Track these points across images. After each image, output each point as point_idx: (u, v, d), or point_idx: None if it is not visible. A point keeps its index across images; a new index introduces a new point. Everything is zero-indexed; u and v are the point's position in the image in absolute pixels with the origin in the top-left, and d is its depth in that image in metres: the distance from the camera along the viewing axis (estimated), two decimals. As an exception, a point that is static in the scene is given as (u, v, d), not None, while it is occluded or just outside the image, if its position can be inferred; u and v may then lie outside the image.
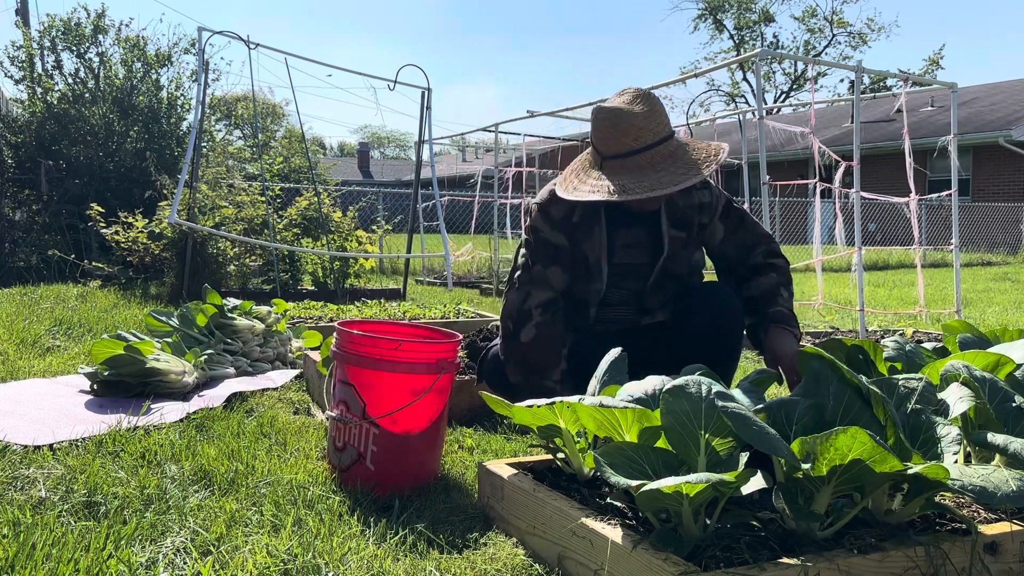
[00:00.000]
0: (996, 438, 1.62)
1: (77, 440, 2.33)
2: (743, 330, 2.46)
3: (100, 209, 7.36)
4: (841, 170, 5.11)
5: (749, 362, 4.22)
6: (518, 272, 2.51)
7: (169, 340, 3.33)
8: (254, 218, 6.97)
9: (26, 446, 2.26)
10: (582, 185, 2.24)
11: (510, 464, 1.90)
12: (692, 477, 1.35)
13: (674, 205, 2.43)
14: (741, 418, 1.43)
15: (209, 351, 3.38)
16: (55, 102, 9.59)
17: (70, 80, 9.98)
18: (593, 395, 1.84)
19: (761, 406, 1.59)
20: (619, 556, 1.41)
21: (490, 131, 9.25)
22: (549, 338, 2.39)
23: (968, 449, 1.80)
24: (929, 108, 22.35)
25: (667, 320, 2.50)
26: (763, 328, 2.37)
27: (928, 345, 2.29)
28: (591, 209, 2.39)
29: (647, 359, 2.35)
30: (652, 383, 1.73)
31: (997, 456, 1.74)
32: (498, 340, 2.65)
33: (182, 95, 10.36)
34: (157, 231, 6.74)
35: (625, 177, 2.17)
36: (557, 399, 1.68)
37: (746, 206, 6.27)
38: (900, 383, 1.69)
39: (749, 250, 2.49)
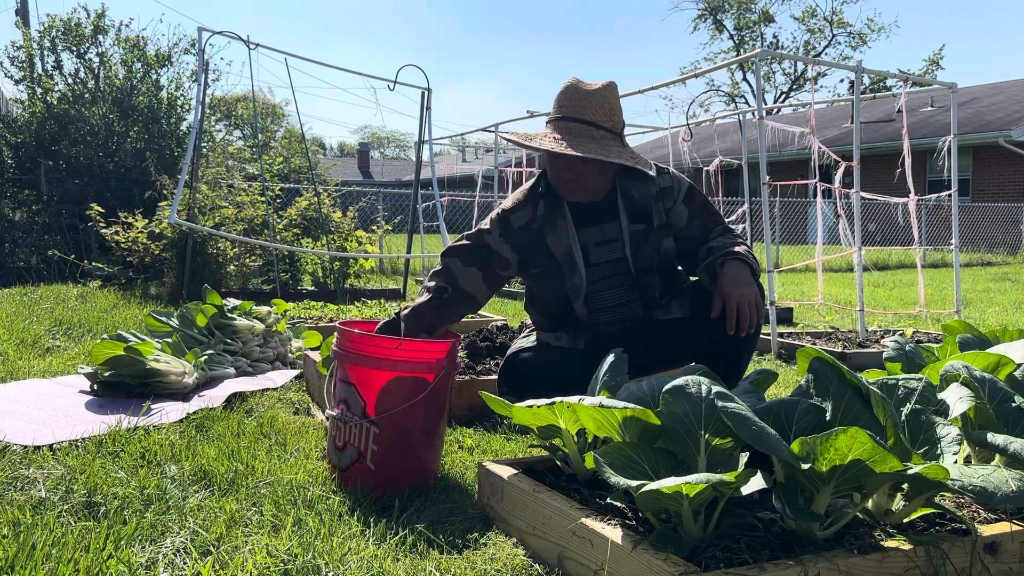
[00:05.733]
0: (996, 438, 1.62)
1: (77, 440, 2.33)
2: (761, 325, 2.45)
3: (100, 209, 7.37)
4: (841, 170, 5.11)
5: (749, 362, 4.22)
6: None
7: (169, 340, 3.33)
8: (254, 218, 6.97)
9: (26, 446, 2.26)
10: (533, 140, 2.39)
11: (510, 464, 1.91)
12: (692, 477, 1.35)
13: (630, 198, 2.46)
14: (741, 418, 1.43)
15: (209, 351, 3.38)
16: (55, 102, 9.59)
17: (70, 80, 9.99)
18: (593, 395, 1.84)
19: (761, 406, 1.59)
20: (619, 556, 1.41)
21: (490, 131, 9.24)
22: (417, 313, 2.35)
23: (968, 449, 1.80)
24: (929, 108, 22.34)
25: (685, 316, 2.49)
26: (720, 263, 2.35)
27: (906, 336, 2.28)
28: (554, 204, 2.45)
29: (664, 355, 2.35)
30: (652, 383, 1.73)
31: (997, 456, 1.74)
32: (519, 339, 2.64)
33: (182, 95, 10.38)
34: (157, 231, 6.74)
35: (567, 138, 2.32)
36: (557, 399, 1.69)
37: (746, 206, 6.27)
38: (900, 383, 1.69)
39: (709, 230, 2.53)
